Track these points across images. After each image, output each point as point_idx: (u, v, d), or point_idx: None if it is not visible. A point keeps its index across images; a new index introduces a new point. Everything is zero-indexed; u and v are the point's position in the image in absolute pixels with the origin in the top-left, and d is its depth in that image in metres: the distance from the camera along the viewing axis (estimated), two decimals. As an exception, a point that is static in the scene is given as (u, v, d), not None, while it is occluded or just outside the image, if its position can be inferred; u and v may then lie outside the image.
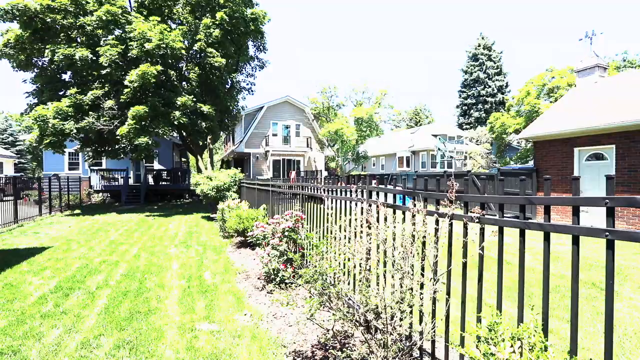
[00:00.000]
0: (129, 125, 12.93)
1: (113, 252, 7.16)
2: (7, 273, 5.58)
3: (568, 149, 11.53)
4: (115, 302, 4.31)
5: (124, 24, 13.92)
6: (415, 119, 62.31)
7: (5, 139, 42.85)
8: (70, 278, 5.27)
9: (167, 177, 21.72)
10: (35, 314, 3.93)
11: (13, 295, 4.52)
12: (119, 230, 9.91)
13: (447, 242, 2.46)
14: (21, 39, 13.41)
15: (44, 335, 3.41)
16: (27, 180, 21.39)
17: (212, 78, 15.87)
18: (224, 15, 15.08)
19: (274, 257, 4.73)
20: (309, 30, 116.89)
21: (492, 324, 1.78)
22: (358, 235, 3.37)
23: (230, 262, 6.29)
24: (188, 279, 5.24)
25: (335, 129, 22.91)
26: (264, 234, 5.13)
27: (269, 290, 4.70)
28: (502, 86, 47.02)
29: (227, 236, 8.48)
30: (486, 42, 47.72)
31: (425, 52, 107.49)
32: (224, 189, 10.97)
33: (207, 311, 4.02)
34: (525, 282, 5.00)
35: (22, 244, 8.07)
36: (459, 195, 2.37)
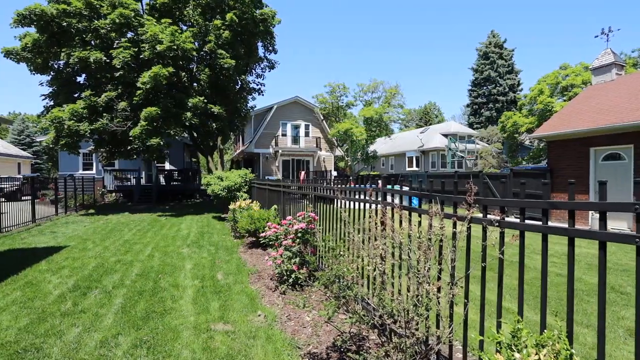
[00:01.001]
0: (142, 126, 13.14)
1: (127, 251, 7.28)
2: (27, 272, 5.73)
3: (583, 149, 11.28)
4: (132, 301, 4.38)
5: (136, 26, 14.14)
6: (424, 118, 61.80)
7: (22, 140, 43.98)
8: (87, 277, 5.39)
9: (178, 177, 22.01)
10: (56, 312, 4.03)
11: (34, 294, 4.63)
12: (132, 230, 10.08)
13: (465, 245, 2.44)
14: (38, 43, 13.74)
15: (64, 334, 3.49)
16: (43, 180, 21.90)
17: (222, 79, 16.00)
18: (234, 17, 15.18)
19: (286, 258, 4.75)
20: (318, 30, 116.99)
21: (515, 329, 1.75)
22: (373, 237, 3.36)
23: (243, 262, 6.34)
24: (201, 279, 5.30)
25: (345, 129, 22.86)
26: (276, 235, 5.15)
27: (281, 291, 4.72)
28: (514, 85, 46.24)
29: (239, 236, 8.54)
30: (497, 40, 47.01)
31: (434, 51, 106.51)
32: (235, 189, 11.05)
33: (221, 312, 4.05)
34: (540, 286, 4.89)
35: (40, 243, 8.27)
36: (478, 199, 2.34)
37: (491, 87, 46.81)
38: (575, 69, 25.64)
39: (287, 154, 25.33)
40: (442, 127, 38.48)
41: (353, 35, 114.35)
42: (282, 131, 25.48)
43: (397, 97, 26.34)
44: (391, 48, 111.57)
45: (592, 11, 76.42)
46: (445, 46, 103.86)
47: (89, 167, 23.26)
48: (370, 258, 2.56)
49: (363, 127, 24.97)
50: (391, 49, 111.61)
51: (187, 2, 16.01)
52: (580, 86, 24.17)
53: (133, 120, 14.15)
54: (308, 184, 5.80)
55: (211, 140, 17.55)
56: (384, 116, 24.71)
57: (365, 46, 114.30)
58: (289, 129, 25.69)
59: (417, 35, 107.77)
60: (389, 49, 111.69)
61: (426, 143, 34.13)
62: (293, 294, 4.64)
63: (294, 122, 25.89)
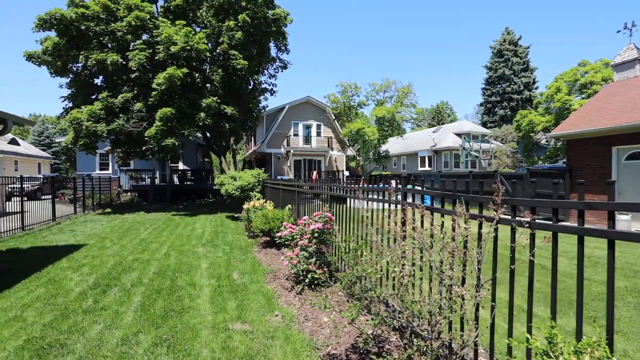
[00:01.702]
0: (157, 126, 13.35)
1: (144, 250, 7.39)
2: (50, 269, 5.87)
3: (605, 148, 10.92)
4: (150, 299, 4.43)
5: (151, 28, 14.39)
6: (437, 117, 61.03)
7: (42, 141, 45.34)
8: (107, 275, 5.48)
9: (191, 177, 22.29)
10: (78, 309, 4.10)
11: (56, 291, 4.74)
12: (148, 229, 10.24)
13: (492, 247, 2.36)
14: (58, 47, 14.11)
15: (86, 330, 3.55)
16: (62, 180, 22.52)
17: (235, 79, 16.13)
18: (246, 17, 15.28)
19: (303, 258, 4.73)
20: (330, 30, 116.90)
21: (551, 334, 1.68)
22: (394, 238, 3.30)
23: (257, 262, 6.35)
24: (217, 278, 5.33)
25: (357, 129, 22.74)
26: (292, 235, 5.14)
27: (298, 291, 4.70)
28: (529, 83, 45.21)
29: (253, 236, 8.57)
30: (512, 37, 46.04)
31: (446, 50, 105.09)
32: (248, 189, 11.11)
33: (238, 311, 4.06)
34: (566, 290, 4.76)
35: (61, 241, 8.48)
36: (506, 199, 2.27)
37: (505, 85, 45.88)
38: (595, 65, 24.89)
39: (299, 153, 25.37)
40: (455, 126, 37.93)
41: (365, 35, 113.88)
42: (294, 131, 25.53)
43: (409, 97, 26.04)
44: (403, 48, 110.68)
45: (612, 6, 74.09)
46: (458, 45, 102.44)
47: (106, 167, 23.81)
48: (393, 259, 2.51)
49: (375, 126, 24.80)
50: (403, 48, 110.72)
51: (200, 4, 16.21)
52: (599, 83, 23.45)
53: (148, 120, 14.40)
54: (323, 183, 5.76)
55: (224, 141, 17.72)
56: (396, 116, 24.46)
57: (377, 46, 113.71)
58: (301, 128, 25.73)
59: (429, 35, 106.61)
60: (401, 48, 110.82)
61: (439, 143, 33.70)
62: (310, 294, 4.62)
63: (305, 122, 25.92)
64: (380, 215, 3.78)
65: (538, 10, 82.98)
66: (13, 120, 6.51)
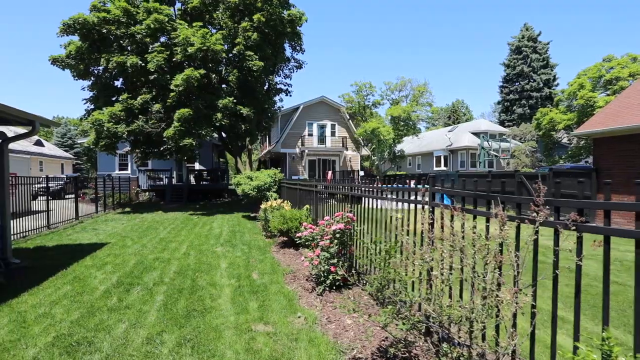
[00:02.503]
0: (175, 127, 13.56)
1: (164, 249, 7.49)
2: (75, 267, 6.00)
3: (635, 147, 10.43)
4: (172, 299, 4.45)
5: (169, 30, 14.63)
6: (453, 116, 59.96)
7: (65, 142, 46.91)
8: (129, 274, 5.56)
9: (207, 177, 22.56)
10: (103, 307, 4.16)
11: (82, 288, 4.83)
12: (167, 229, 10.39)
13: (532, 251, 2.23)
14: (81, 50, 14.52)
15: (112, 329, 3.59)
16: (84, 179, 23.21)
17: (251, 80, 16.22)
18: (262, 18, 15.35)
19: (323, 259, 4.66)
20: (344, 29, 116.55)
21: (607, 348, 1.55)
22: (421, 240, 3.19)
23: (276, 262, 6.32)
24: (237, 278, 5.33)
25: (372, 128, 22.53)
26: (312, 236, 5.08)
27: (319, 292, 4.64)
28: (549, 80, 43.82)
29: (270, 236, 8.57)
30: (531, 33, 44.74)
31: (462, 48, 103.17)
32: (265, 189, 11.13)
33: (260, 312, 4.03)
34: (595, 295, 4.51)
35: (84, 239, 8.69)
36: (549, 200, 2.14)
37: (524, 82, 44.63)
38: (621, 60, 23.89)
39: (313, 153, 25.34)
40: (472, 125, 37.16)
41: (380, 34, 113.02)
42: (309, 131, 25.51)
43: (425, 95, 25.66)
44: (418, 46, 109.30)
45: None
46: (473, 43, 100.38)
47: (125, 167, 24.39)
48: (424, 262, 2.41)
49: (390, 126, 24.54)
50: (418, 47, 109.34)
51: (217, 6, 16.39)
52: (626, 79, 22.51)
53: (166, 121, 14.65)
54: (343, 184, 5.68)
55: (240, 141, 17.85)
56: (412, 115, 24.14)
57: (392, 45, 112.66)
58: (315, 128, 25.70)
59: (444, 33, 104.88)
60: (416, 47, 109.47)
61: (455, 142, 33.09)
62: (331, 296, 4.55)
63: (320, 122, 25.87)
64: (405, 216, 3.68)
65: (559, 5, 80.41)
66: (40, 122, 6.69)
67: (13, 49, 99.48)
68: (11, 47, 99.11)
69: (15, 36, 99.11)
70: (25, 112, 6.15)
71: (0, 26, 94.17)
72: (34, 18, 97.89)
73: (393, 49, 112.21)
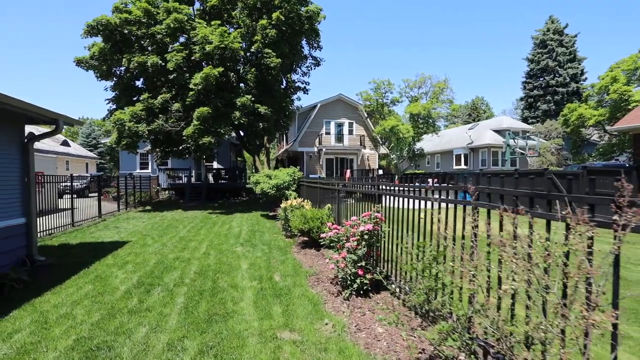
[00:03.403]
0: (194, 125, 13.60)
1: (184, 248, 7.41)
2: (96, 265, 5.98)
3: (682, 143, 9.64)
4: (193, 301, 4.29)
5: (188, 30, 14.69)
6: (473, 114, 58.35)
7: (89, 142, 48.51)
8: (149, 274, 5.46)
9: (225, 176, 22.67)
10: (123, 308, 4.04)
11: (103, 288, 4.75)
12: (187, 227, 10.37)
13: (613, 262, 1.89)
14: (103, 51, 14.78)
15: (132, 333, 3.44)
16: (107, 178, 23.79)
17: (268, 79, 16.11)
18: (280, 15, 15.20)
19: (350, 261, 4.40)
20: (362, 27, 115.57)
21: None
22: (459, 243, 2.87)
23: (298, 263, 6.10)
24: (259, 280, 5.13)
25: (391, 126, 22.02)
26: (338, 237, 4.82)
27: (345, 296, 4.38)
28: (576, 74, 41.81)
29: (290, 235, 8.38)
30: (557, 26, 42.83)
31: (482, 43, 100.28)
32: (284, 188, 10.96)
33: (285, 318, 3.80)
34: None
35: (106, 237, 8.76)
36: (632, 201, 1.79)
37: (549, 77, 42.80)
38: (659, 52, 22.39)
39: (331, 152, 25.08)
40: (493, 122, 35.97)
41: (397, 32, 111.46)
42: (326, 129, 25.26)
43: (445, 92, 24.88)
44: (435, 44, 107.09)
45: (674, -13, 66.73)
46: (493, 39, 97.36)
47: (145, 166, 24.85)
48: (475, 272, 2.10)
49: (409, 124, 23.95)
50: (435, 45, 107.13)
51: (235, 4, 16.36)
52: (665, 72, 21.07)
53: (186, 120, 14.73)
54: (372, 182, 5.39)
55: (258, 140, 17.79)
56: (432, 112, 23.45)
57: (409, 43, 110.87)
58: (333, 127, 25.42)
59: (462, 31, 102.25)
60: (434, 44, 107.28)
61: (476, 140, 32.08)
62: (359, 301, 4.28)
63: (337, 120, 25.57)
64: (439, 218, 3.36)
65: (586, -4, 76.70)
66: (64, 120, 6.72)
67: (45, 49, 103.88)
68: (44, 48, 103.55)
69: (46, 36, 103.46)
70: (49, 111, 6.17)
71: (33, 27, 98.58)
72: (63, 18, 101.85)
73: (411, 46, 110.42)
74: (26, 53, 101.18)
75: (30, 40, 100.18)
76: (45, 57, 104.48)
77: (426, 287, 2.27)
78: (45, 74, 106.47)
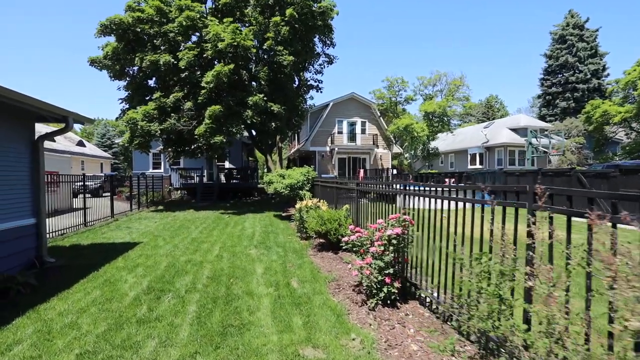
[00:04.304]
0: (206, 124, 13.41)
1: (196, 250, 7.13)
2: (106, 268, 5.74)
3: None
4: (206, 310, 3.97)
5: (200, 27, 14.53)
6: (488, 112, 57.02)
7: (104, 143, 49.32)
8: (160, 278, 5.18)
9: (237, 176, 22.50)
10: (131, 317, 3.74)
11: (111, 294, 4.48)
12: (199, 228, 10.13)
13: None
14: (117, 51, 14.74)
15: (140, 347, 3.13)
16: (120, 178, 23.93)
17: (281, 77, 15.84)
18: (293, 12, 14.90)
19: (376, 268, 4.01)
20: (373, 23, 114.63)
21: None
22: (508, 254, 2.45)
23: (316, 267, 5.74)
24: (276, 286, 4.78)
25: (405, 125, 21.51)
26: (361, 241, 4.44)
27: (370, 306, 3.99)
28: (598, 70, 40.24)
29: (306, 237, 8.03)
30: (577, 20, 41.34)
31: (496, 40, 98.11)
32: (298, 188, 10.62)
33: (306, 331, 3.44)
34: None
35: (117, 238, 8.57)
36: None
37: (569, 74, 41.34)
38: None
39: (343, 151, 24.66)
40: (510, 120, 34.91)
41: (409, 29, 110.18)
42: (338, 129, 24.86)
43: (461, 89, 24.21)
44: (447, 41, 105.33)
45: (701, -22, 63.77)
46: (507, 35, 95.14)
47: (158, 166, 24.92)
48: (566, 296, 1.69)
49: (423, 122, 23.36)
50: (449, 41, 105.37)
51: (247, 1, 16.15)
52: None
53: (198, 119, 14.57)
54: (398, 181, 4.97)
55: (270, 139, 17.52)
56: (447, 110, 22.82)
57: (421, 40, 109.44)
58: (345, 126, 24.99)
59: (476, 28, 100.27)
60: (447, 41, 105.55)
61: (491, 139, 31.15)
62: (386, 312, 3.89)
63: (350, 119, 25.13)
64: (490, 224, 2.94)
65: (606, -10, 74.04)
66: (74, 118, 6.52)
67: (62, 49, 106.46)
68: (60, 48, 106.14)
69: (64, 37, 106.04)
70: (58, 108, 5.95)
71: (50, 27, 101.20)
72: (78, 18, 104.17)
73: (423, 43, 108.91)
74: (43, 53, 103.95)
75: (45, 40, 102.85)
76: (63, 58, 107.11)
77: (489, 309, 1.87)
78: (60, 74, 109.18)
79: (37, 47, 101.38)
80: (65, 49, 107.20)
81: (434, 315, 3.81)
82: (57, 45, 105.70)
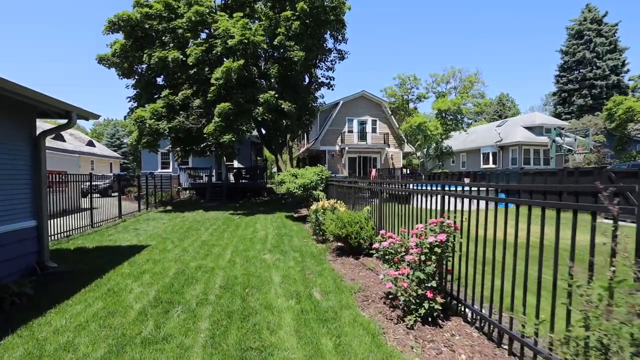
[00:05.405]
0: (215, 122, 13.00)
1: (207, 255, 6.67)
2: (111, 275, 5.29)
3: None
4: (220, 327, 3.47)
5: (210, 23, 14.13)
6: (500, 111, 55.84)
7: (113, 143, 49.56)
8: (168, 287, 4.71)
9: (246, 176, 22.10)
10: (136, 337, 3.26)
11: (115, 307, 4.01)
12: (209, 230, 9.69)
13: None
14: (125, 48, 14.43)
15: (145, 376, 2.65)
16: (129, 178, 23.73)
17: (291, 74, 15.36)
18: (304, 6, 14.40)
19: (416, 280, 3.46)
20: (386, 19, 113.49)
21: None
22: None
23: (338, 275, 5.21)
24: (297, 298, 4.27)
25: (418, 123, 20.83)
26: (394, 248, 3.90)
27: (408, 324, 3.44)
28: (617, 66, 38.86)
29: (322, 240, 7.51)
30: (595, 14, 40.01)
31: (508, 37, 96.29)
32: (311, 188, 10.11)
33: (339, 356, 2.91)
34: None
35: (124, 240, 8.17)
36: None
37: (586, 70, 40.03)
38: None
39: (354, 151, 24.08)
40: (524, 119, 33.89)
41: (421, 26, 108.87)
42: (349, 127, 24.29)
43: (476, 86, 23.42)
44: (458, 38, 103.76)
45: None
46: (520, 32, 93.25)
47: (167, 165, 24.69)
48: None
49: (437, 120, 22.63)
50: (458, 39, 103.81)
51: (257, -3, 15.72)
52: None
53: (207, 117, 14.17)
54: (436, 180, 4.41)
55: (280, 137, 17.05)
56: (462, 108, 22.05)
57: (432, 38, 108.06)
58: (355, 125, 24.41)
59: (487, 25, 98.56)
60: (457, 38, 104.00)
61: (505, 137, 30.22)
62: (427, 331, 3.34)
63: (360, 118, 24.54)
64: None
65: (622, -16, 71.76)
66: (77, 113, 6.11)
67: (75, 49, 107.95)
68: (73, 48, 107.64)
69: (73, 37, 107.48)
70: (61, 102, 5.54)
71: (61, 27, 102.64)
72: (83, 19, 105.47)
73: (435, 40, 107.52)
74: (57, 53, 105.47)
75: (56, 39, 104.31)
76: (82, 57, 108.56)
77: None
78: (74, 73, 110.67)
79: (45, 47, 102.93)
80: (72, 50, 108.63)
81: (484, 336, 3.25)
82: (74, 43, 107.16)
